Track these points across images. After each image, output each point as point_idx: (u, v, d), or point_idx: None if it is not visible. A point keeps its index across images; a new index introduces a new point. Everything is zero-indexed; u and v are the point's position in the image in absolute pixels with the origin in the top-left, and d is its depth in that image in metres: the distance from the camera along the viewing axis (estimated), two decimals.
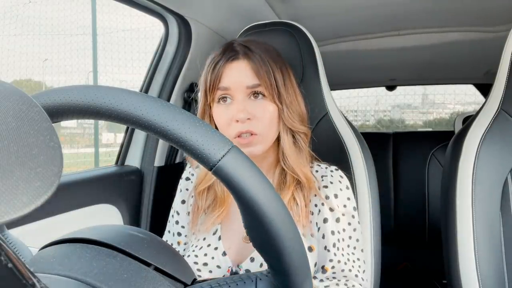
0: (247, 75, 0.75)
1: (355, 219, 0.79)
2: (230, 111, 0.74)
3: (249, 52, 0.76)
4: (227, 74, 0.75)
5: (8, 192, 0.18)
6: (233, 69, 0.75)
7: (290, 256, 0.33)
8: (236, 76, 0.75)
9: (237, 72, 0.75)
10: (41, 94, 0.32)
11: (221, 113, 0.75)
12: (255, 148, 0.74)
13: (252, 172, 0.31)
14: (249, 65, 0.75)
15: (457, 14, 1.41)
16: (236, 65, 0.75)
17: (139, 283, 0.32)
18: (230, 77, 0.74)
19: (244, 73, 0.75)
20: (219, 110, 0.76)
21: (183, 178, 0.89)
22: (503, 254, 0.85)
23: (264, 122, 0.74)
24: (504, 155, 0.88)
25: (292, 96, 0.78)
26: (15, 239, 0.39)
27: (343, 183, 0.80)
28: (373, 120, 6.10)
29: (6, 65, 3.71)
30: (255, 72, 0.74)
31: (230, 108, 0.74)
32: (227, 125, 0.74)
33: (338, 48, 1.72)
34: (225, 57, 0.76)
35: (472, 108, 4.83)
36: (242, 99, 0.74)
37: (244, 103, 0.74)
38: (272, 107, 0.75)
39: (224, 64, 0.75)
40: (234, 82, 0.74)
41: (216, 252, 0.77)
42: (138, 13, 1.20)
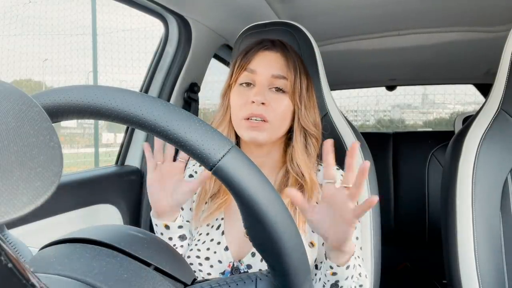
0: (276, 65, 0.78)
1: None
2: (249, 93, 0.76)
3: (284, 47, 0.80)
4: (258, 59, 0.78)
5: (8, 192, 0.18)
6: (265, 56, 0.78)
7: (290, 256, 0.33)
8: (265, 62, 0.78)
9: (267, 60, 0.78)
10: (41, 94, 0.32)
11: (239, 94, 0.78)
12: (262, 135, 0.75)
13: (252, 172, 0.31)
14: (280, 57, 0.79)
15: (457, 14, 1.41)
16: (268, 53, 0.79)
17: (139, 283, 0.32)
18: (260, 62, 0.78)
19: (273, 62, 0.78)
20: (238, 91, 0.79)
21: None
22: (503, 254, 0.85)
23: (277, 112, 0.76)
24: (504, 155, 0.88)
25: (311, 102, 0.81)
26: (15, 239, 0.39)
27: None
28: (373, 120, 6.10)
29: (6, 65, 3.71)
30: (286, 65, 0.78)
31: (249, 91, 0.77)
32: (241, 105, 0.76)
33: (338, 48, 1.72)
34: (261, 45, 0.80)
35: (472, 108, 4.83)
36: (264, 86, 0.77)
37: (264, 89, 0.76)
38: (288, 103, 0.78)
39: (257, 50, 0.79)
40: (261, 67, 0.77)
41: (218, 247, 0.77)
42: (138, 13, 1.20)
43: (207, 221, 0.80)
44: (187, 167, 0.91)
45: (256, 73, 0.77)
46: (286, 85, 0.78)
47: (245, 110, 0.75)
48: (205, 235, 0.79)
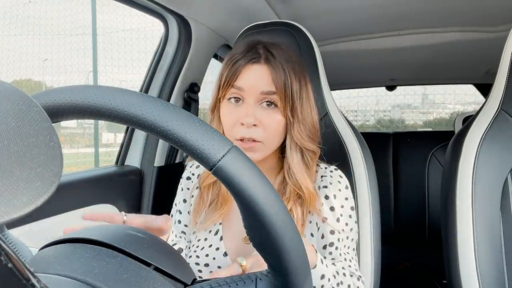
0: (264, 81, 0.73)
1: (352, 219, 0.79)
2: (238, 112, 0.73)
3: (271, 58, 0.74)
4: (245, 74, 0.73)
5: (8, 192, 0.18)
6: (252, 71, 0.73)
7: (290, 256, 0.33)
8: (253, 78, 0.73)
9: (254, 75, 0.73)
10: (41, 94, 0.32)
11: (228, 112, 0.74)
12: (255, 155, 0.73)
13: (252, 172, 0.31)
14: (268, 71, 0.73)
15: (457, 14, 1.41)
16: (255, 67, 0.73)
17: (139, 283, 0.32)
18: (247, 78, 0.73)
19: (261, 78, 0.73)
20: (227, 108, 0.75)
21: (184, 178, 0.88)
22: (503, 254, 0.85)
23: (269, 131, 0.73)
24: (504, 155, 0.88)
25: (306, 110, 0.76)
26: (15, 239, 0.39)
27: (342, 183, 0.80)
28: (373, 120, 6.09)
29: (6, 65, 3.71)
30: (273, 80, 0.73)
31: (238, 109, 0.73)
32: (232, 125, 0.73)
33: (338, 48, 1.72)
34: (246, 58, 0.74)
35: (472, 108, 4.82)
36: (253, 103, 0.73)
37: (254, 108, 0.72)
38: (280, 117, 0.74)
39: (244, 64, 0.73)
40: (249, 85, 0.72)
41: (217, 253, 0.77)
42: (138, 13, 1.20)
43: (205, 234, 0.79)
44: (185, 169, 0.91)
45: (244, 90, 0.72)
46: (277, 99, 0.73)
47: (236, 132, 0.72)
48: (204, 240, 0.79)
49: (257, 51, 0.75)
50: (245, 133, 0.71)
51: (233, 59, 0.75)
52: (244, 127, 0.71)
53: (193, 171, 0.87)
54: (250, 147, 0.72)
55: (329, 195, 0.78)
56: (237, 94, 0.73)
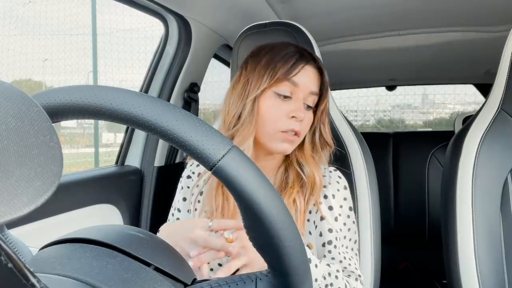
0: (315, 81, 0.79)
1: (350, 219, 0.80)
2: (288, 106, 0.76)
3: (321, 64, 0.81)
4: (303, 72, 0.77)
5: (8, 192, 0.18)
6: (309, 71, 0.78)
7: (290, 256, 0.33)
8: (308, 78, 0.78)
9: (310, 75, 0.78)
10: (41, 94, 0.32)
11: (275, 106, 0.76)
12: (292, 147, 0.78)
13: (252, 172, 0.31)
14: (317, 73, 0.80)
15: (457, 14, 1.41)
16: (310, 68, 0.79)
17: (139, 283, 0.32)
18: (304, 77, 0.77)
19: (314, 79, 0.79)
20: (275, 101, 0.76)
21: (184, 176, 0.89)
22: (503, 254, 0.85)
23: (305, 128, 0.78)
24: (504, 155, 0.88)
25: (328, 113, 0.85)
26: (15, 239, 0.39)
27: (341, 183, 0.82)
28: (373, 120, 6.09)
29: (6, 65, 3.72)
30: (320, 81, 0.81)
31: (288, 103, 0.76)
32: (278, 118, 0.75)
33: (338, 48, 1.72)
34: (304, 58, 0.78)
35: (472, 108, 4.82)
36: (302, 101, 0.77)
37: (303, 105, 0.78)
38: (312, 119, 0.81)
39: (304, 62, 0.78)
40: (304, 83, 0.77)
41: None
42: (138, 13, 1.20)
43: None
44: (185, 168, 0.91)
45: (299, 87, 0.76)
46: (315, 102, 0.80)
47: (284, 123, 0.75)
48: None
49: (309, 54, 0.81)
50: (295, 126, 0.75)
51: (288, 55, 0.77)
52: (293, 121, 0.75)
53: (193, 170, 0.88)
54: (294, 140, 0.77)
55: (327, 195, 0.79)
56: (289, 90, 0.76)
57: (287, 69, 0.75)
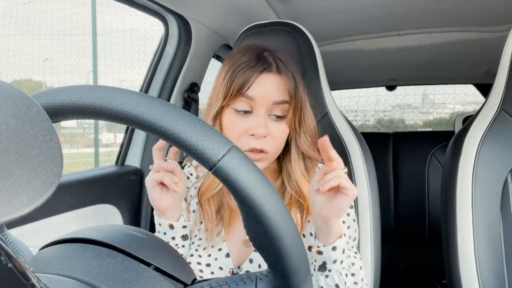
0: (277, 91, 0.71)
1: (350, 217, 0.79)
2: (247, 123, 0.71)
3: (282, 66, 0.73)
4: (258, 84, 0.70)
5: (8, 192, 0.18)
6: (265, 80, 0.71)
7: (290, 256, 0.33)
8: (266, 88, 0.70)
9: (267, 85, 0.71)
10: (41, 94, 0.32)
11: (235, 123, 0.72)
12: (262, 164, 0.72)
13: (252, 172, 0.31)
14: (281, 80, 0.72)
15: (457, 14, 1.41)
16: (268, 77, 0.71)
17: (139, 283, 0.32)
18: (260, 89, 0.70)
19: (274, 88, 0.71)
20: (234, 119, 0.72)
21: None
22: (503, 254, 0.85)
23: (277, 141, 0.72)
24: (504, 155, 0.88)
25: (307, 117, 0.76)
26: (15, 239, 0.39)
27: None
28: (373, 120, 6.09)
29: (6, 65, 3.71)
30: (286, 88, 0.72)
31: (248, 119, 0.71)
32: (239, 136, 0.71)
33: (338, 48, 1.72)
34: (258, 66, 0.71)
35: (472, 108, 4.82)
36: (264, 114, 0.71)
37: (265, 119, 0.71)
38: (286, 128, 0.74)
39: (256, 73, 0.70)
40: (262, 95, 0.70)
41: (220, 253, 0.76)
42: (138, 13, 1.20)
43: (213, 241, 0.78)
44: (183, 169, 0.90)
45: (255, 100, 0.70)
46: (287, 109, 0.72)
47: (244, 142, 0.70)
48: (205, 240, 0.78)
49: (267, 59, 0.73)
50: (255, 144, 0.70)
51: (241, 66, 0.71)
52: (253, 138, 0.70)
53: (191, 171, 0.87)
54: (260, 158, 0.71)
55: None
56: (246, 104, 0.71)
57: (241, 83, 0.70)
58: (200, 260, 0.76)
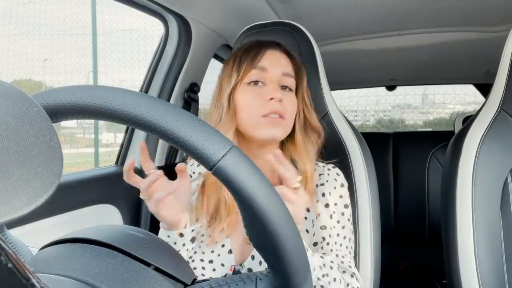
0: (285, 64, 0.78)
1: (344, 217, 0.79)
2: (263, 92, 0.75)
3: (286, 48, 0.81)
4: (267, 56, 0.77)
5: (8, 192, 0.18)
6: (273, 54, 0.78)
7: (290, 256, 0.33)
8: (275, 60, 0.77)
9: (276, 58, 0.78)
10: (41, 94, 0.32)
11: (253, 93, 0.76)
12: (280, 131, 0.75)
13: (252, 171, 0.31)
14: (287, 57, 0.80)
15: (457, 14, 1.41)
16: (276, 52, 0.79)
17: (139, 283, 0.32)
18: (269, 60, 0.77)
19: (282, 61, 0.78)
20: (249, 91, 0.76)
21: None
22: (503, 254, 0.85)
23: (290, 109, 0.77)
24: (504, 155, 0.88)
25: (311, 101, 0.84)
26: (15, 239, 0.39)
27: (338, 181, 0.81)
28: (373, 120, 6.09)
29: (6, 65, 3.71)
30: (292, 64, 0.79)
31: (263, 89, 0.76)
32: (258, 103, 0.75)
33: (338, 48, 1.72)
34: (264, 44, 0.79)
35: (472, 108, 4.82)
36: (276, 83, 0.76)
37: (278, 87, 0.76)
38: (295, 101, 0.79)
39: (264, 48, 0.78)
40: (272, 65, 0.76)
41: (223, 250, 0.77)
42: (138, 13, 1.20)
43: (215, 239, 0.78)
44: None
45: (268, 71, 0.76)
46: (293, 84, 0.79)
47: (264, 107, 0.74)
48: (208, 237, 0.78)
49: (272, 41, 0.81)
50: (274, 107, 0.74)
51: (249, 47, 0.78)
52: (273, 102, 0.74)
53: (193, 169, 0.87)
54: (277, 122, 0.75)
55: (325, 193, 0.79)
56: (259, 76, 0.76)
57: (251, 58, 0.76)
58: (203, 256, 0.77)
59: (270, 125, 0.74)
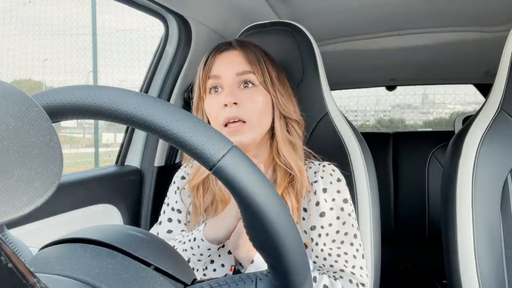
0: (238, 63, 0.76)
1: (344, 212, 0.76)
2: (220, 98, 0.74)
3: (239, 43, 0.79)
4: (218, 63, 0.76)
5: (8, 192, 0.18)
6: (224, 58, 0.77)
7: (290, 256, 0.33)
8: (226, 64, 0.76)
9: (227, 60, 0.77)
10: (41, 94, 0.32)
11: (211, 103, 0.76)
12: (244, 137, 0.73)
13: (252, 171, 0.31)
14: (240, 54, 0.77)
15: (457, 14, 1.41)
16: (227, 54, 0.78)
17: (139, 283, 0.32)
18: (220, 65, 0.76)
19: (234, 61, 0.76)
20: (209, 100, 0.77)
21: (178, 177, 0.87)
22: (503, 254, 0.85)
23: (252, 109, 0.74)
24: (504, 155, 0.88)
25: (286, 89, 0.80)
26: (15, 239, 0.39)
27: (334, 176, 0.79)
28: (373, 120, 6.09)
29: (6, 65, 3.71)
30: (247, 60, 0.76)
31: (219, 96, 0.75)
32: (216, 112, 0.74)
33: (338, 48, 1.72)
34: (217, 49, 0.78)
35: (472, 108, 4.83)
36: (231, 87, 0.75)
37: (233, 89, 0.75)
38: (263, 96, 0.76)
39: (215, 54, 0.78)
40: (224, 70, 0.75)
41: (222, 250, 0.76)
42: (138, 13, 1.20)
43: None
44: (180, 169, 0.89)
45: (220, 77, 0.75)
46: (255, 78, 0.76)
47: (220, 115, 0.73)
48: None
49: (225, 42, 0.80)
50: (229, 113, 0.72)
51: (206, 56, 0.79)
52: (227, 108, 0.72)
53: (187, 171, 0.87)
54: (237, 129, 0.72)
55: (317, 190, 0.77)
56: (215, 83, 0.76)
57: (206, 67, 0.77)
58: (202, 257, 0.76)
59: (232, 134, 0.72)
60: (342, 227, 0.75)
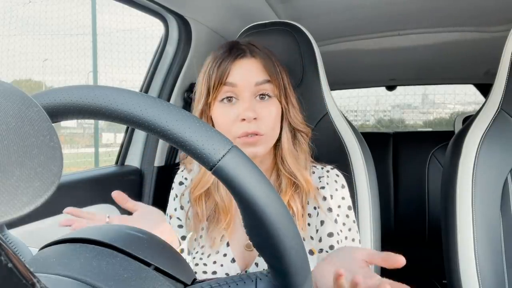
0: (257, 72, 0.73)
1: (349, 218, 0.77)
2: (236, 110, 0.71)
3: (256, 49, 0.75)
4: (235, 70, 0.72)
5: (8, 192, 0.18)
6: (242, 66, 0.72)
7: (290, 256, 0.33)
8: (244, 73, 0.72)
9: (245, 69, 0.72)
10: (41, 94, 0.32)
11: (224, 112, 0.72)
12: (259, 149, 0.72)
13: (252, 171, 0.31)
14: (257, 62, 0.73)
15: (457, 14, 1.41)
16: (244, 61, 0.73)
17: (139, 283, 0.32)
18: (238, 74, 0.72)
19: (253, 70, 0.73)
20: (222, 109, 0.73)
21: (176, 183, 0.86)
22: (503, 254, 0.85)
23: (269, 123, 0.72)
24: (504, 155, 0.88)
25: (294, 98, 0.78)
26: (15, 239, 0.39)
27: (338, 182, 0.79)
28: (373, 120, 6.09)
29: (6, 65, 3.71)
30: (265, 69, 0.73)
31: (235, 107, 0.72)
32: (230, 124, 0.71)
33: (338, 48, 1.72)
34: (232, 54, 0.73)
35: (472, 108, 4.83)
36: (249, 98, 0.72)
37: (251, 103, 0.71)
38: (276, 107, 0.74)
39: (232, 60, 0.72)
40: (242, 79, 0.71)
41: (225, 259, 0.76)
42: (138, 13, 1.20)
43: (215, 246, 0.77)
44: (177, 174, 0.88)
45: (237, 86, 0.71)
46: (272, 89, 0.74)
47: (237, 128, 0.70)
48: (209, 247, 0.77)
49: (239, 47, 0.75)
50: (247, 128, 0.70)
51: (217, 59, 0.74)
52: (245, 122, 0.70)
53: (185, 176, 0.85)
54: (255, 141, 0.71)
55: (326, 196, 0.77)
56: (230, 93, 0.72)
57: (220, 73, 0.72)
58: (206, 268, 0.75)
59: (247, 146, 0.71)
60: (348, 233, 0.77)
